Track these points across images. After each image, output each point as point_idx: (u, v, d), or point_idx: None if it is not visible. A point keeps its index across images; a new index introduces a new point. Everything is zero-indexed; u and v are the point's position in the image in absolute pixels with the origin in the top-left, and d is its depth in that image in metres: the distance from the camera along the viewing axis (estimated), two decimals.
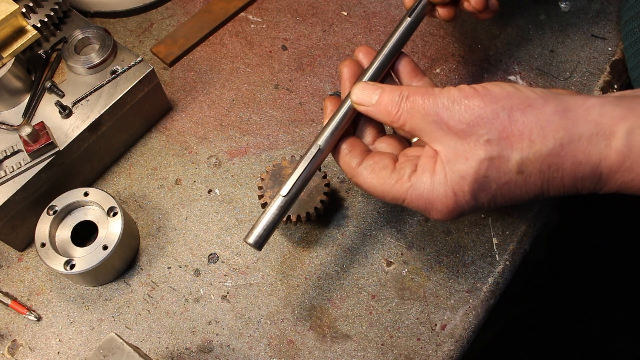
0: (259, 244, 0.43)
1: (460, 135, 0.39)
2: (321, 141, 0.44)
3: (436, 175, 0.40)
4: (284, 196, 0.43)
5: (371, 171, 0.43)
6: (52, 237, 0.52)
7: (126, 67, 0.56)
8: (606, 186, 0.38)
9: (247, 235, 0.43)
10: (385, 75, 0.48)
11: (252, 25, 0.69)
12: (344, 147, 0.45)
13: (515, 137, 0.38)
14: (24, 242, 0.56)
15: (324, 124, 0.45)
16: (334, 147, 0.45)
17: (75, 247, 0.52)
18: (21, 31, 0.52)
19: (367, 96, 0.44)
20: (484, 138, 0.38)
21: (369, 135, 0.47)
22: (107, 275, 0.53)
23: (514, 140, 0.38)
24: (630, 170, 0.36)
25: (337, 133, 0.45)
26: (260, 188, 0.53)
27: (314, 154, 0.44)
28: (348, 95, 0.45)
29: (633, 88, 0.60)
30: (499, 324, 1.01)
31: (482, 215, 0.56)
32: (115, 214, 0.52)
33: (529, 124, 0.38)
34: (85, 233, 0.54)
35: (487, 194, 0.40)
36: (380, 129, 0.47)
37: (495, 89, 0.39)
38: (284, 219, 0.52)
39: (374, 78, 0.47)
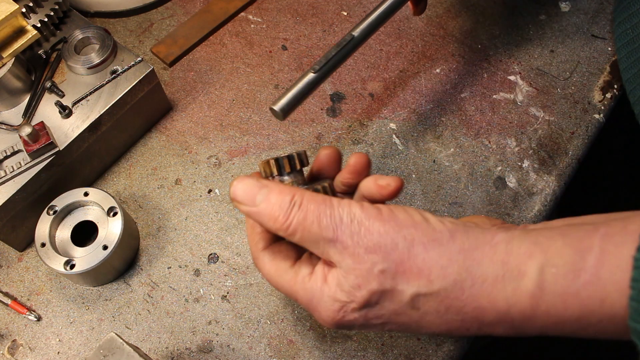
0: (285, 112, 0.43)
1: (355, 259, 0.35)
2: (357, 32, 0.46)
3: (326, 286, 0.37)
4: (314, 73, 0.44)
5: (272, 259, 0.41)
6: (52, 237, 0.52)
7: (126, 67, 0.56)
8: (526, 332, 0.35)
9: (274, 103, 0.43)
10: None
11: (252, 25, 0.69)
12: (256, 226, 0.41)
13: (413, 273, 0.35)
14: (24, 242, 0.56)
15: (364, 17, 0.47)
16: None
17: (75, 247, 0.52)
18: (21, 31, 0.52)
19: (249, 196, 0.38)
20: (378, 267, 0.35)
21: None
22: (107, 275, 0.53)
23: (411, 276, 0.35)
24: (547, 315, 0.33)
25: (374, 27, 0.47)
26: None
27: (347, 41, 0.45)
28: None
29: (625, 89, 0.60)
30: None
31: None
32: (115, 214, 0.52)
33: (430, 262, 0.34)
34: (85, 233, 0.54)
35: (379, 319, 0.37)
36: None
37: (401, 215, 0.36)
38: None
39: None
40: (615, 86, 0.63)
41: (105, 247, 0.51)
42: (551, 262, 0.32)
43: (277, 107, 0.43)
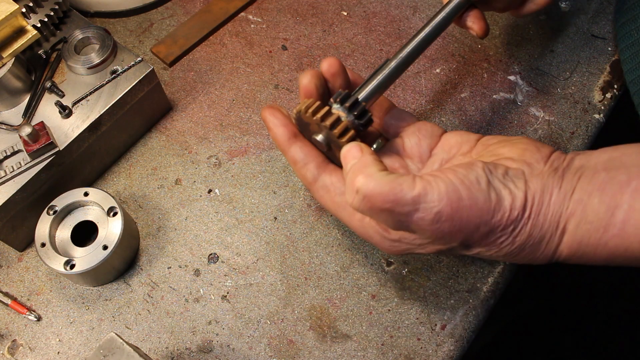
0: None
1: (433, 237, 0.40)
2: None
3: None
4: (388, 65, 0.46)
5: (326, 192, 0.44)
6: (52, 237, 0.52)
7: (126, 67, 0.56)
8: (562, 263, 0.42)
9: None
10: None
11: (252, 25, 0.69)
12: (299, 157, 0.44)
13: (487, 245, 0.40)
14: (24, 242, 0.56)
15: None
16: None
17: (75, 247, 0.52)
18: (21, 31, 0.52)
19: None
20: (454, 244, 0.40)
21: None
22: (107, 275, 0.53)
23: (483, 245, 0.40)
24: (582, 258, 0.40)
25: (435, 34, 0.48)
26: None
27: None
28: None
29: (629, 90, 0.60)
30: (499, 324, 1.01)
31: None
32: (115, 214, 0.52)
33: (502, 238, 0.40)
34: (85, 233, 0.54)
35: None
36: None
37: (480, 196, 0.38)
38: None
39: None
40: (615, 86, 0.63)
41: (105, 247, 0.51)
42: (587, 219, 0.38)
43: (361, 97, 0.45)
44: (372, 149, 0.46)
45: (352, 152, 0.40)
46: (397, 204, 0.37)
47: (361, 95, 0.44)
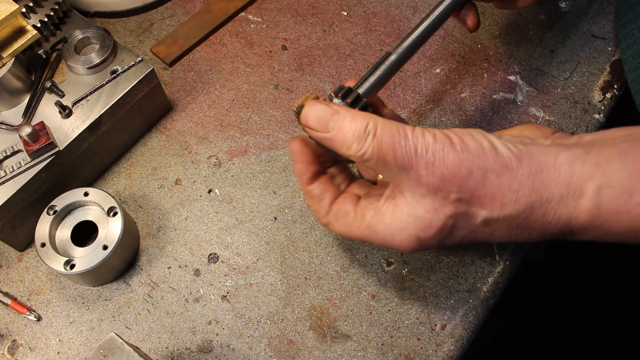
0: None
1: (430, 188, 0.38)
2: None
3: (398, 220, 0.40)
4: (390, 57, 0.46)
5: (336, 219, 0.44)
6: (52, 237, 0.52)
7: (126, 67, 0.56)
8: (577, 237, 0.39)
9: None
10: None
11: (252, 25, 0.69)
12: (316, 193, 0.44)
13: (487, 199, 0.38)
14: (24, 242, 0.56)
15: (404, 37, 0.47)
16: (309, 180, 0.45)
17: (75, 247, 0.52)
18: (21, 31, 0.52)
19: (321, 122, 0.39)
20: (454, 196, 0.38)
21: (338, 177, 0.48)
22: (107, 275, 0.53)
23: (485, 201, 0.38)
24: (600, 228, 0.37)
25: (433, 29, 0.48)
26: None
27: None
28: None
29: (630, 90, 0.60)
30: (499, 324, 1.01)
31: None
32: (115, 214, 0.52)
33: (502, 187, 0.37)
34: (85, 233, 0.54)
35: (453, 239, 0.41)
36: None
37: (472, 143, 0.38)
38: None
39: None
40: (615, 86, 0.63)
41: (105, 247, 0.51)
42: (609, 184, 0.36)
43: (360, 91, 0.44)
44: None
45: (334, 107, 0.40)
46: (400, 146, 0.37)
47: (362, 90, 0.44)
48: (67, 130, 0.53)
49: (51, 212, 0.52)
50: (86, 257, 0.50)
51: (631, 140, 0.37)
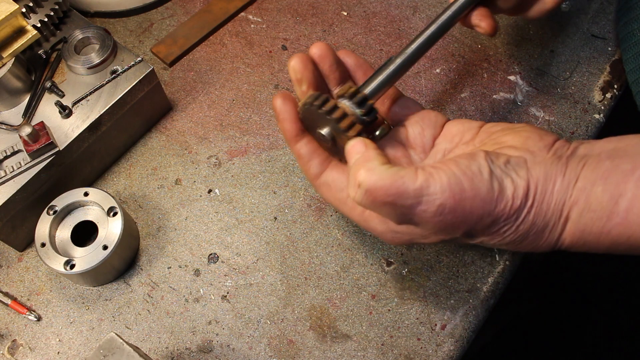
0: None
1: (436, 230, 0.40)
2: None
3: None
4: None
5: (328, 190, 0.44)
6: (52, 237, 0.52)
7: (126, 67, 0.56)
8: (564, 251, 0.42)
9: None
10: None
11: (252, 25, 0.69)
12: (303, 152, 0.44)
13: (488, 234, 0.40)
14: (24, 242, 0.56)
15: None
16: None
17: (75, 247, 0.52)
18: (21, 31, 0.52)
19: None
20: (458, 234, 0.40)
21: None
22: (107, 275, 0.53)
23: (485, 235, 0.40)
24: (584, 246, 0.40)
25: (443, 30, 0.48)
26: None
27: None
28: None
29: (631, 90, 0.60)
30: (499, 324, 1.01)
31: None
32: (115, 214, 0.52)
33: (507, 226, 0.40)
34: (85, 233, 0.54)
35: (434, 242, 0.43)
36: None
37: (484, 188, 0.38)
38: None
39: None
40: (615, 86, 0.63)
41: (105, 247, 0.51)
42: (590, 208, 0.38)
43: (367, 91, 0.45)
44: (375, 134, 0.47)
45: (357, 147, 0.41)
46: (399, 197, 0.37)
47: (367, 90, 0.44)
48: (67, 130, 0.53)
49: (51, 212, 0.52)
50: (86, 257, 0.50)
51: (614, 158, 0.39)
